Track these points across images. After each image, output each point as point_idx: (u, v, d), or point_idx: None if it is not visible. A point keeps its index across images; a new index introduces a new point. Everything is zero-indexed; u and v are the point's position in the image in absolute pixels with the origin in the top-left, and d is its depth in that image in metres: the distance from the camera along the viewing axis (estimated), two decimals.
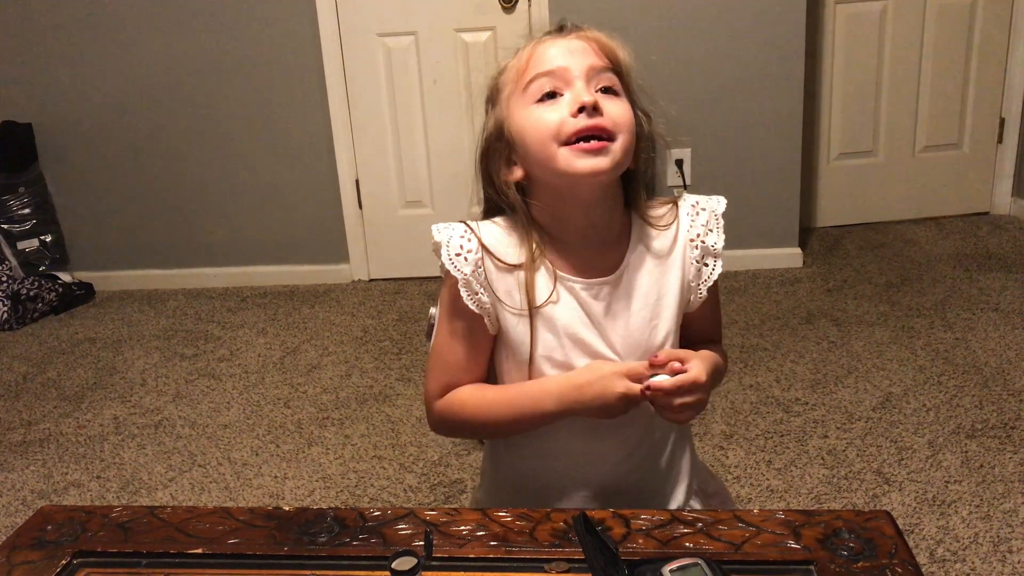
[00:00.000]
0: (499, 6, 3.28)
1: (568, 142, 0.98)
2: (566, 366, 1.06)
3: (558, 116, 0.98)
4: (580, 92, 0.98)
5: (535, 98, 1.00)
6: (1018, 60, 3.57)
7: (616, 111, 0.99)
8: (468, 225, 1.05)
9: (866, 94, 3.62)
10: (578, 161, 0.98)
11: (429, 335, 1.15)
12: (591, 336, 1.05)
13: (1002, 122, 3.66)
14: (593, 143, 0.97)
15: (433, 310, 1.15)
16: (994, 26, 3.54)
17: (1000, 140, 3.69)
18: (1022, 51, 3.56)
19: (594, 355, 1.06)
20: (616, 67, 1.02)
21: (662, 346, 1.07)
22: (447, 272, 1.04)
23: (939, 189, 3.74)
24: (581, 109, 0.97)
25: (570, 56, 0.99)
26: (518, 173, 1.05)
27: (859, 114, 3.65)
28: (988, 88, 3.62)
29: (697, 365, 1.00)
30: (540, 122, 0.99)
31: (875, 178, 3.72)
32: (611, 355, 1.06)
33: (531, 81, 1.00)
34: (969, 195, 3.76)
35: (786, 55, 3.24)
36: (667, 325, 1.08)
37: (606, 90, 1.00)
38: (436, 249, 1.05)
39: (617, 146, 0.99)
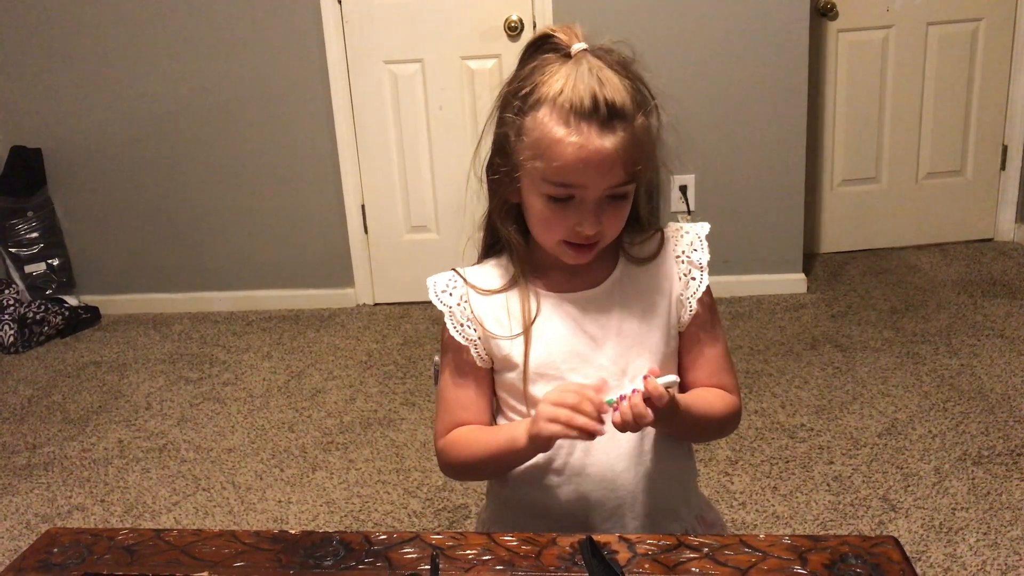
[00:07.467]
0: (504, 34, 3.31)
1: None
2: (560, 380, 1.08)
3: (562, 224, 1.03)
4: (586, 220, 1.02)
5: (550, 191, 1.02)
6: (1020, 87, 3.58)
7: (614, 222, 1.04)
8: (455, 270, 1.14)
9: (869, 121, 3.64)
10: (567, 252, 1.06)
11: (436, 381, 1.21)
12: (583, 347, 1.09)
13: (1004, 149, 3.67)
14: (584, 248, 1.05)
15: (437, 357, 1.21)
16: (996, 53, 3.57)
17: (1003, 167, 3.70)
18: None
19: (588, 366, 1.08)
20: (635, 173, 1.02)
21: (655, 356, 1.10)
22: (441, 312, 1.11)
23: (942, 215, 3.75)
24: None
25: (595, 173, 1.00)
26: (516, 198, 1.08)
27: (862, 141, 3.67)
28: (990, 115, 3.64)
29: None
30: (544, 217, 1.04)
31: (878, 204, 3.73)
32: (607, 364, 1.09)
33: (553, 179, 1.01)
34: (972, 222, 3.77)
35: (789, 83, 3.26)
36: (658, 335, 1.10)
37: (616, 195, 1.02)
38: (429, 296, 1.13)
39: (604, 242, 1.06)
